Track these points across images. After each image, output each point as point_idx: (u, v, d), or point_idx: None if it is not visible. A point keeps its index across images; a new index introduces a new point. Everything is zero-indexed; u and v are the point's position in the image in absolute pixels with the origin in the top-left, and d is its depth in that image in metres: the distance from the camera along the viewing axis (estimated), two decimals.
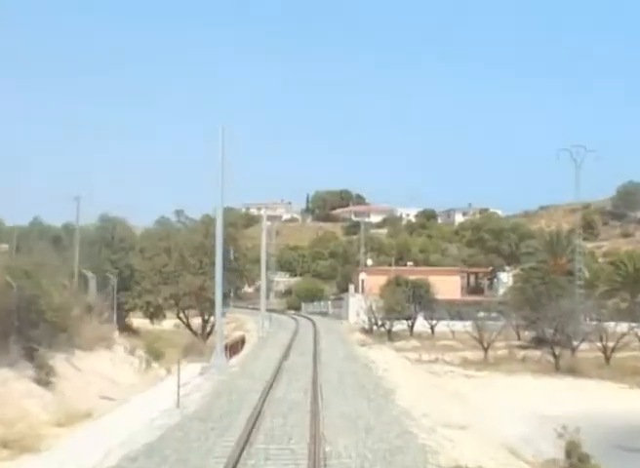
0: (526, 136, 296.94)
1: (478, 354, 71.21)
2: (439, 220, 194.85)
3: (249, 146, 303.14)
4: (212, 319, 58.12)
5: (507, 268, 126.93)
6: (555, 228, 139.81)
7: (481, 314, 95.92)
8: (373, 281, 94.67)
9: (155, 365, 40.67)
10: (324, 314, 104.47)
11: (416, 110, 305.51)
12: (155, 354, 43.02)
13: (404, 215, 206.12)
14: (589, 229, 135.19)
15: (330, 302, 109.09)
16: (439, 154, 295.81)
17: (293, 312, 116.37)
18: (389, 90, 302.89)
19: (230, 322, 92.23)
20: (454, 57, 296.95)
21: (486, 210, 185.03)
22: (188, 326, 58.29)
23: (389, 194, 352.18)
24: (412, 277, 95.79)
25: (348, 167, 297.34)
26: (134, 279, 57.93)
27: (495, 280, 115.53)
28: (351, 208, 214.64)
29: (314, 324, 76.18)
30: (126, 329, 75.57)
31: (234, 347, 46.19)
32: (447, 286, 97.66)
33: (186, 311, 57.98)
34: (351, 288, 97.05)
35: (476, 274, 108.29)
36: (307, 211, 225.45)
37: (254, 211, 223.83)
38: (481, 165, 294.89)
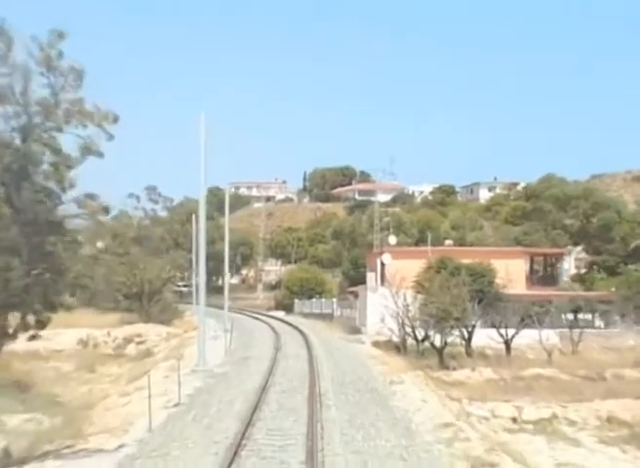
0: (557, 99, 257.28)
1: (626, 405, 35.13)
2: (458, 198, 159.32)
3: (239, 121, 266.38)
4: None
5: (575, 249, 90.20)
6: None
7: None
8: (403, 267, 57.43)
9: None
10: (326, 318, 67.21)
11: (418, 76, 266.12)
12: None
13: (416, 193, 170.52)
14: None
15: (335, 300, 71.37)
16: (451, 124, 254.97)
17: (283, 314, 79.49)
18: (392, 53, 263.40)
19: (178, 334, 55.18)
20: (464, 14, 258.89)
21: (516, 184, 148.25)
22: None
23: (397, 171, 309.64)
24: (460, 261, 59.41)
25: (350, 142, 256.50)
26: None
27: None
28: (354, 186, 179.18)
29: (310, 347, 38.67)
30: None
31: None
32: (509, 274, 60.89)
33: None
34: (370, 277, 59.29)
35: (545, 257, 71.51)
36: (304, 190, 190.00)
37: (244, 190, 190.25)
38: (503, 134, 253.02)
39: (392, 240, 69.43)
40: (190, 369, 31.43)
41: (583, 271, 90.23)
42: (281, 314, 78.84)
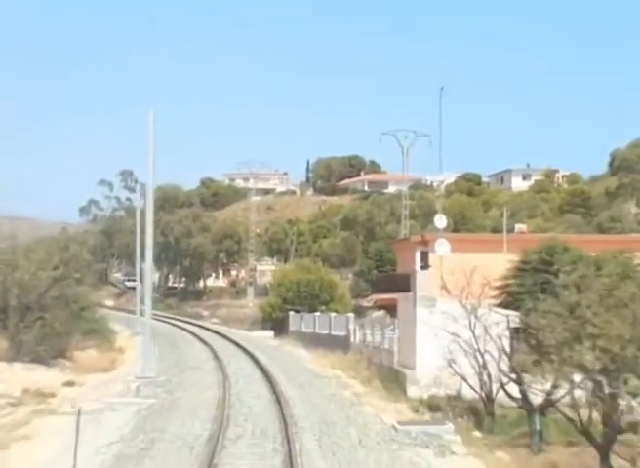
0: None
1: None
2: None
3: (240, 108, 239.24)
4: None
5: None
6: None
7: None
8: (470, 263, 30.90)
9: None
10: (338, 345, 39.57)
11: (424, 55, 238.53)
12: None
13: (434, 184, 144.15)
14: None
15: (351, 316, 42.87)
16: (468, 110, 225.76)
17: (271, 335, 52.53)
18: (401, 31, 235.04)
19: (48, 393, 28.20)
20: None
21: (555, 170, 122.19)
22: None
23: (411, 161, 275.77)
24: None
25: (358, 129, 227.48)
26: None
27: None
28: (363, 177, 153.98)
29: None
30: None
31: None
32: None
33: None
34: (420, 279, 31.32)
35: None
36: (307, 182, 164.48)
37: (240, 182, 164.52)
38: (528, 120, 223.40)
39: (441, 221, 42.49)
40: None
41: None
42: (269, 335, 51.98)
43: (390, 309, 47.19)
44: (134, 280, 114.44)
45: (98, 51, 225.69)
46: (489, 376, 27.24)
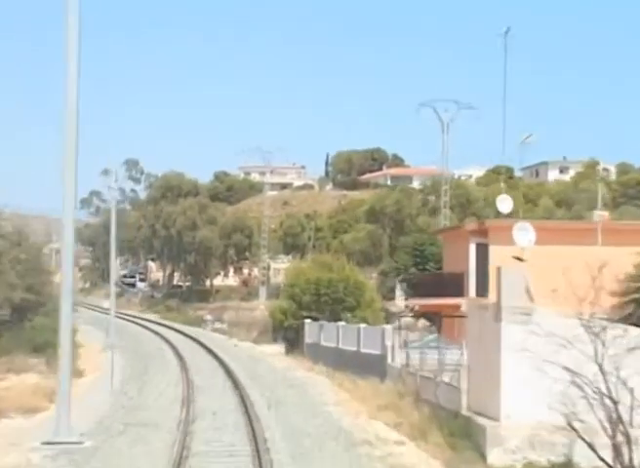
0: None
1: None
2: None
3: (252, 99, 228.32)
4: None
5: None
6: None
7: None
8: (581, 258, 20.01)
9: None
10: (372, 368, 28.92)
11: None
12: None
13: (462, 178, 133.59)
14: None
15: (389, 328, 32.17)
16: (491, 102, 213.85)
17: (282, 350, 41.76)
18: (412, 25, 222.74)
19: None
20: None
21: (597, 162, 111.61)
22: None
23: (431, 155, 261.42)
24: None
25: (380, 122, 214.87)
26: None
27: None
28: (386, 171, 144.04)
29: None
30: None
31: None
32: None
33: None
34: (509, 277, 20.18)
35: None
36: (327, 176, 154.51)
37: (255, 176, 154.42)
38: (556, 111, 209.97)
39: (505, 204, 31.74)
40: None
41: None
42: (278, 351, 41.34)
43: (434, 318, 36.49)
44: (132, 277, 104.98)
45: (99, 50, 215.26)
46: (627, 437, 16.65)
